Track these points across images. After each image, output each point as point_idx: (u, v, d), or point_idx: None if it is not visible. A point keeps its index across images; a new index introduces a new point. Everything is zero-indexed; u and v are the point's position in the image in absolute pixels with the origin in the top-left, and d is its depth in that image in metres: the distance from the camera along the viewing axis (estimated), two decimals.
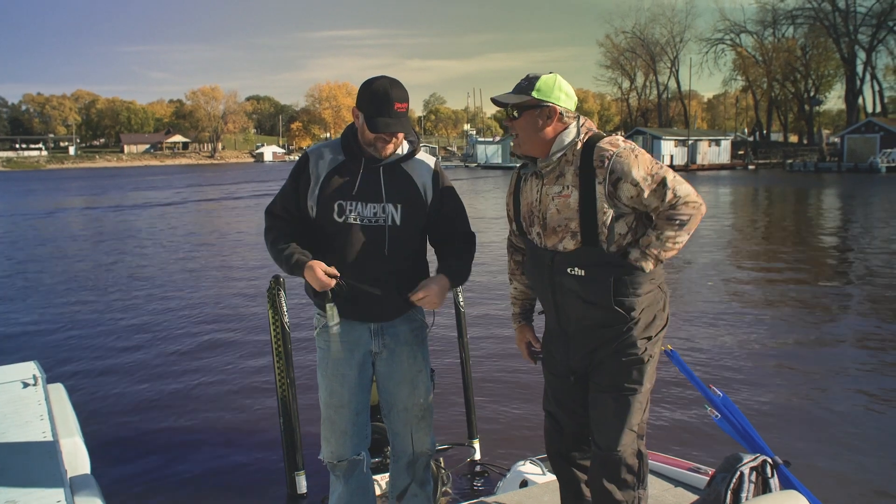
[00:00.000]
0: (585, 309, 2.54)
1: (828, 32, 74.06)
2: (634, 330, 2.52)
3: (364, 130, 2.74)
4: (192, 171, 78.93)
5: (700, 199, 2.46)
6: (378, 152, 2.77)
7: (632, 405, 2.55)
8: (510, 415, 5.54)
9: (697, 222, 2.48)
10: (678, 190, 2.43)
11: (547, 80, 2.56)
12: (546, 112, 2.55)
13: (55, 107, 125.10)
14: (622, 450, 2.56)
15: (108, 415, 5.88)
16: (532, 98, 2.54)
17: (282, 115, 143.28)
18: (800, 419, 5.47)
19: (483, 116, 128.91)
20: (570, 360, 2.66)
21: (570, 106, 2.58)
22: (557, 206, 2.54)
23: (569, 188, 2.52)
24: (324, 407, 2.91)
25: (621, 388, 2.55)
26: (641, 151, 2.49)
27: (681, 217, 2.44)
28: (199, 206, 29.45)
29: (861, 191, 34.44)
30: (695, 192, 2.46)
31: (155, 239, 17.90)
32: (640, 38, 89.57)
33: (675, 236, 2.46)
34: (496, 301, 9.64)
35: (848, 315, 9.22)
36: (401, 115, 2.71)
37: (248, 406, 6.01)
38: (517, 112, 2.59)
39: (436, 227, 2.91)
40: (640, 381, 2.55)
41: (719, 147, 69.25)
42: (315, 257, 2.71)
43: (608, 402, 2.57)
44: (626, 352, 2.53)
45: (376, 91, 2.70)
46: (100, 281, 12.19)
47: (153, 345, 7.94)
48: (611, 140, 2.51)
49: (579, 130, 2.56)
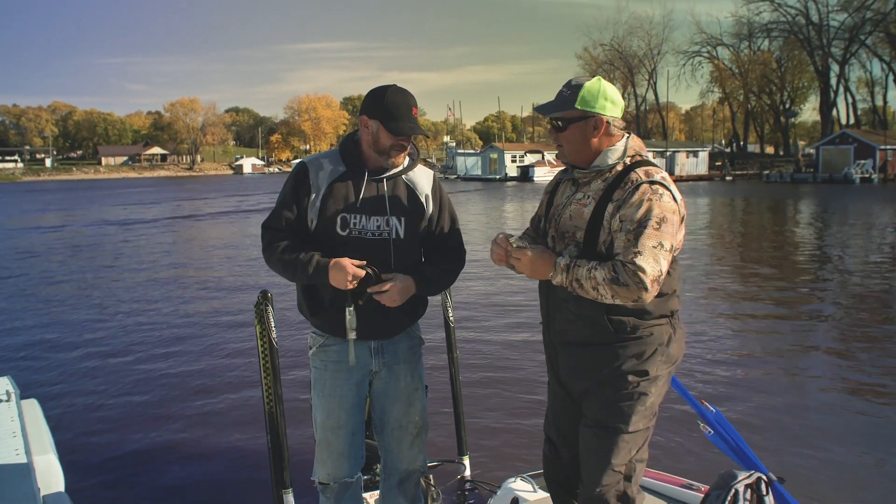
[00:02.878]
0: (571, 323, 2.48)
1: (802, 46, 75.43)
2: (624, 361, 2.39)
3: (379, 138, 2.70)
4: (171, 184, 78.27)
5: (649, 288, 2.24)
6: (391, 161, 2.75)
7: (616, 445, 2.40)
8: (501, 431, 5.50)
9: (625, 298, 2.27)
10: (642, 258, 2.24)
11: (591, 89, 2.44)
12: (592, 123, 2.44)
13: (31, 118, 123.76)
14: (602, 491, 2.43)
15: (83, 431, 5.74)
16: (577, 111, 2.44)
17: (261, 127, 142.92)
18: (791, 433, 5.47)
19: (463, 128, 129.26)
20: (559, 376, 2.62)
21: (617, 113, 2.47)
22: (572, 212, 2.49)
23: (589, 198, 2.45)
24: (319, 428, 2.86)
25: (605, 424, 2.43)
26: (664, 199, 2.33)
27: (620, 276, 2.25)
28: (179, 224, 29.19)
29: (836, 201, 34.87)
30: (655, 278, 2.24)
31: (131, 255, 17.70)
32: (618, 50, 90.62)
33: (600, 285, 2.28)
34: (486, 316, 9.62)
35: (833, 324, 9.28)
36: (417, 120, 2.71)
37: (233, 422, 5.91)
38: (562, 123, 2.49)
39: (428, 238, 2.89)
40: (626, 420, 2.41)
41: (697, 158, 70.00)
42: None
43: (591, 438, 2.47)
44: (614, 384, 2.41)
45: (394, 97, 2.68)
46: (75, 296, 12.01)
47: (131, 360, 7.82)
48: (648, 170, 2.39)
49: (626, 151, 2.45)
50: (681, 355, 2.54)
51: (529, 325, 8.87)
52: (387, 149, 2.71)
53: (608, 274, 2.27)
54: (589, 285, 2.31)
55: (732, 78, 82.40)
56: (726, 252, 16.94)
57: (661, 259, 2.27)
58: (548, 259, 2.42)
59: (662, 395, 2.50)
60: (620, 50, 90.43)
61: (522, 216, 29.34)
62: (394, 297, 2.66)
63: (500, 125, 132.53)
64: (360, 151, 2.78)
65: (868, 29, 69.74)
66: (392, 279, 2.67)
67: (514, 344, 8.13)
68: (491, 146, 78.34)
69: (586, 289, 2.32)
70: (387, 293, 2.65)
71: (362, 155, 2.78)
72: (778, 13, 76.51)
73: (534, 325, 8.81)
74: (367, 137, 2.74)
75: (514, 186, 56.60)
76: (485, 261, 11.46)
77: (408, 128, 2.68)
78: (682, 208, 2.39)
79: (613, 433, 2.41)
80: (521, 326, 8.95)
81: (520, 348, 7.93)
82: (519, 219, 27.84)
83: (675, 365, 2.52)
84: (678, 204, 2.37)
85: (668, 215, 2.31)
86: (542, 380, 6.59)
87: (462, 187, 55.39)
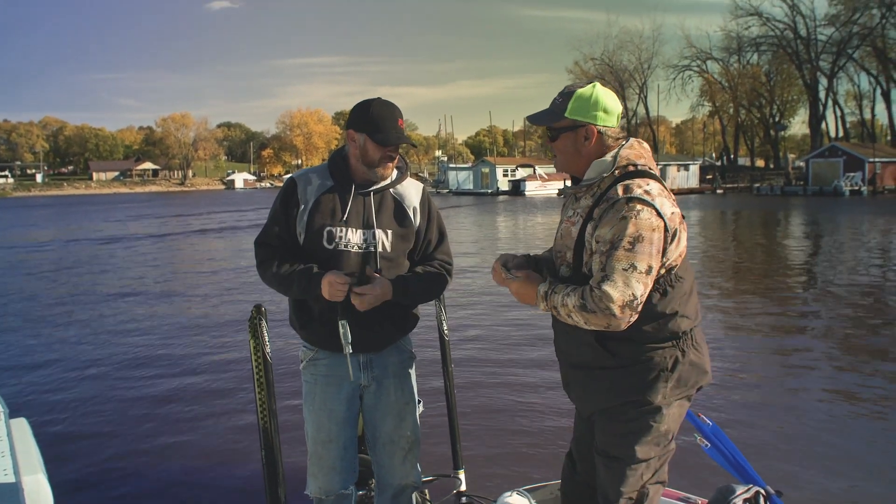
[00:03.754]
0: (573, 346, 2.43)
1: (790, 59, 76.13)
2: (625, 390, 2.32)
3: (367, 150, 2.71)
4: (162, 199, 78.07)
5: (617, 314, 2.15)
6: (379, 173, 2.76)
7: (624, 474, 2.35)
8: (497, 445, 5.47)
9: (596, 324, 2.20)
10: (609, 283, 2.15)
11: (582, 97, 2.33)
12: (583, 133, 2.34)
13: (22, 134, 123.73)
14: None
15: (74, 450, 5.64)
16: (567, 120, 2.35)
17: (253, 142, 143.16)
18: (788, 446, 5.45)
19: (454, 143, 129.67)
20: (570, 397, 2.59)
21: (612, 122, 2.36)
22: (563, 231, 2.44)
23: (578, 216, 2.36)
24: (311, 442, 2.85)
25: (611, 455, 2.39)
26: (641, 216, 2.17)
27: (587, 303, 2.18)
28: (172, 240, 29.12)
29: (827, 214, 35.05)
30: (625, 303, 2.14)
31: (121, 272, 17.61)
32: (608, 64, 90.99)
33: (573, 312, 2.23)
34: (481, 327, 9.60)
35: (829, 334, 9.30)
36: (403, 130, 2.73)
37: (226, 438, 5.85)
38: (553, 133, 2.40)
39: (415, 251, 2.89)
40: (632, 452, 2.34)
41: (688, 172, 70.33)
42: None
43: (601, 466, 2.44)
44: (616, 416, 2.36)
45: (379, 109, 2.70)
46: (63, 314, 11.92)
47: (121, 378, 7.74)
48: (629, 184, 2.23)
49: (615, 162, 2.31)
50: (701, 378, 2.40)
51: (530, 338, 8.85)
52: (375, 161, 2.73)
53: (577, 301, 2.21)
54: (564, 312, 2.26)
55: (722, 91, 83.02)
56: (718, 264, 16.98)
57: (634, 282, 2.14)
58: (531, 287, 2.38)
59: (678, 420, 2.40)
60: (611, 64, 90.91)
61: (514, 230, 29.39)
62: (368, 300, 2.62)
63: (492, 139, 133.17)
64: (347, 165, 2.80)
65: (855, 43, 70.51)
66: (372, 283, 2.65)
67: (514, 359, 8.10)
68: (482, 160, 78.52)
69: (563, 316, 2.28)
70: (362, 296, 2.62)
71: (350, 169, 2.79)
72: (766, 27, 77.37)
73: (533, 338, 8.82)
74: (354, 151, 2.75)
75: (505, 200, 56.68)
76: (483, 272, 11.49)
77: (394, 137, 2.69)
78: (670, 223, 2.24)
79: (621, 464, 2.36)
80: (522, 340, 8.92)
81: (520, 363, 7.90)
82: (510, 233, 27.87)
83: (694, 388, 2.39)
84: (664, 219, 2.21)
85: (645, 233, 2.16)
86: (539, 393, 6.61)
87: (454, 202, 55.46)
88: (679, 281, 2.33)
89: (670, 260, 2.28)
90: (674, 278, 2.31)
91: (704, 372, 2.42)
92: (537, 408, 6.12)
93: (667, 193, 2.29)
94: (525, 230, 28.70)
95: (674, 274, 2.31)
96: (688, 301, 2.36)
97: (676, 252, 2.29)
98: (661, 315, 2.29)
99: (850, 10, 68.91)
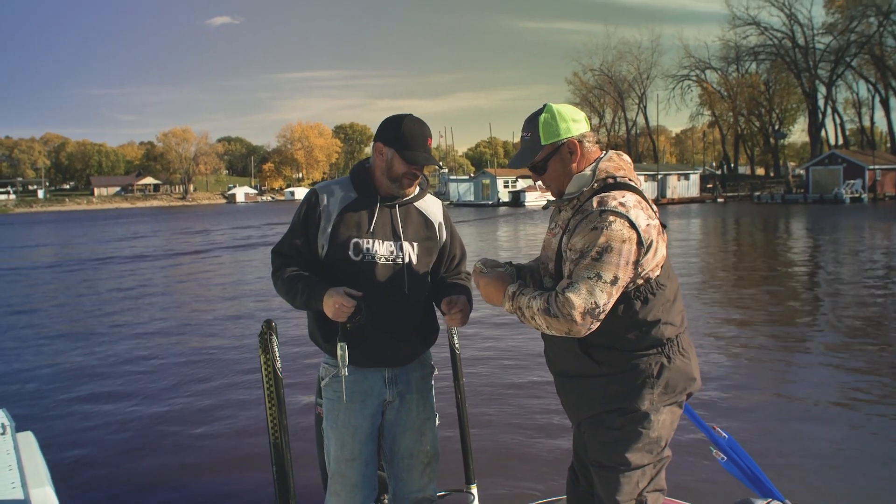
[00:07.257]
0: (559, 354, 2.47)
1: (789, 68, 76.45)
2: (610, 398, 2.34)
3: (393, 165, 2.71)
4: (164, 214, 78.20)
5: (578, 321, 2.18)
6: (402, 188, 2.76)
7: (618, 483, 2.36)
8: (509, 458, 5.44)
9: (557, 329, 2.23)
10: (572, 290, 2.19)
11: (547, 120, 2.39)
12: (567, 149, 2.39)
13: (24, 150, 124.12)
14: None
15: (80, 463, 5.63)
16: (547, 146, 2.39)
17: (253, 155, 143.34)
18: (806, 458, 5.40)
19: (455, 154, 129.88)
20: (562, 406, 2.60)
21: (584, 128, 2.41)
22: (545, 242, 2.50)
23: (558, 227, 2.42)
24: (333, 460, 2.82)
25: (602, 464, 2.40)
26: (613, 228, 2.19)
27: (550, 308, 2.22)
28: (175, 259, 29.13)
29: (828, 221, 35.05)
30: (586, 311, 2.17)
31: (126, 289, 17.61)
32: (607, 75, 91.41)
33: (536, 315, 2.26)
34: (492, 339, 9.57)
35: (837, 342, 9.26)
36: (431, 150, 2.74)
37: (235, 453, 5.82)
38: (539, 166, 2.44)
39: (440, 266, 2.91)
40: (623, 459, 2.34)
41: (688, 181, 70.39)
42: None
43: (595, 476, 2.45)
44: (604, 424, 2.37)
45: (411, 126, 2.70)
46: (71, 329, 11.92)
47: (128, 391, 7.72)
48: (604, 197, 2.27)
49: (594, 175, 2.36)
50: (689, 384, 2.41)
51: (540, 353, 8.83)
52: (399, 176, 2.72)
53: (542, 304, 2.24)
54: (528, 314, 2.29)
55: (721, 101, 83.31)
56: (719, 271, 16.96)
57: (598, 291, 2.17)
58: (500, 286, 2.42)
59: (670, 427, 2.41)
60: (610, 75, 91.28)
61: (515, 240, 29.39)
62: (465, 317, 2.71)
63: (492, 151, 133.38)
64: (371, 178, 2.79)
65: (853, 51, 70.84)
66: (458, 301, 2.71)
67: (525, 372, 8.07)
68: (483, 172, 78.68)
69: (527, 318, 2.30)
70: (457, 315, 2.69)
71: (374, 181, 2.78)
72: (764, 37, 77.74)
73: (541, 350, 8.78)
74: (380, 164, 2.75)
75: (506, 211, 56.75)
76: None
77: (422, 157, 2.70)
78: (645, 234, 2.23)
79: (614, 472, 2.36)
80: (533, 353, 8.90)
81: (530, 376, 7.87)
82: (511, 244, 27.88)
83: (683, 394, 2.41)
84: (637, 231, 2.21)
85: (615, 244, 2.18)
86: (550, 405, 6.57)
87: (455, 213, 55.49)
88: (661, 288, 2.34)
89: (647, 270, 2.29)
90: (655, 286, 2.32)
91: (692, 378, 2.43)
92: (550, 422, 6.09)
93: (644, 205, 2.30)
94: (525, 240, 28.70)
95: (654, 282, 2.32)
96: (671, 308, 2.38)
97: (654, 262, 2.30)
98: (643, 323, 2.31)
99: (847, 18, 69.29)
